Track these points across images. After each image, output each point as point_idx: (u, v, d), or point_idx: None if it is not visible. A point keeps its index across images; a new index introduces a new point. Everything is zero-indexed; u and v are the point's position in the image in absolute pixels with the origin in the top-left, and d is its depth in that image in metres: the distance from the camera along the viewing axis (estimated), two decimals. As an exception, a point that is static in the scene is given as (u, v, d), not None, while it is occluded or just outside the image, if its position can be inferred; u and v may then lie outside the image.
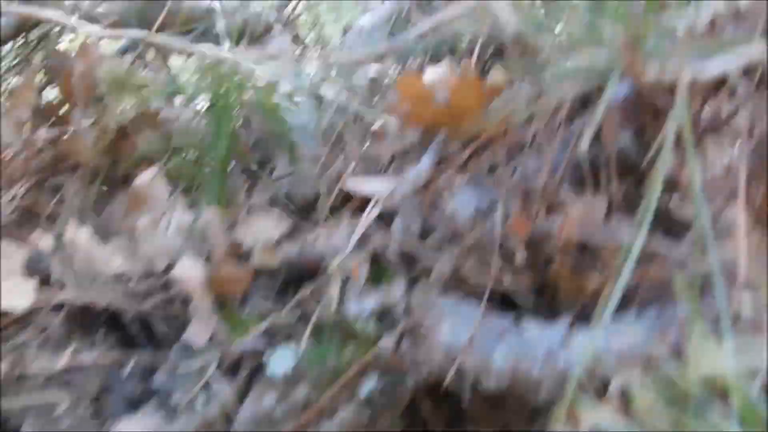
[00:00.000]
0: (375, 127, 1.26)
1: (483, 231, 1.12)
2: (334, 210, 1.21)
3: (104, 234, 1.18)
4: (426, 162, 1.16)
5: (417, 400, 1.06)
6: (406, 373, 1.04)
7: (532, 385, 0.98)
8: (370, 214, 1.11)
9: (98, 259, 1.14)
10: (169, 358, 1.04)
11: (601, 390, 0.97)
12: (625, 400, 0.99)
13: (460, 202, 1.15)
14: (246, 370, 1.01)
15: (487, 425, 1.11)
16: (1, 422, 1.01)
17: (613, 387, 0.94)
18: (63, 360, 1.05)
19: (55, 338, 1.06)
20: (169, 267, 1.12)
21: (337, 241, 1.12)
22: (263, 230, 1.16)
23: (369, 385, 1.02)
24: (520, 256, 1.07)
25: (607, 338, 0.98)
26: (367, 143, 1.31)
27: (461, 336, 1.02)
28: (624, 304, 1.06)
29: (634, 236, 1.05)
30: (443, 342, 1.03)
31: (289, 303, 1.07)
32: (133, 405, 1.00)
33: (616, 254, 1.08)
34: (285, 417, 0.99)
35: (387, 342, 1.02)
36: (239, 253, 1.13)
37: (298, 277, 1.11)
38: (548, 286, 1.11)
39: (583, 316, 1.07)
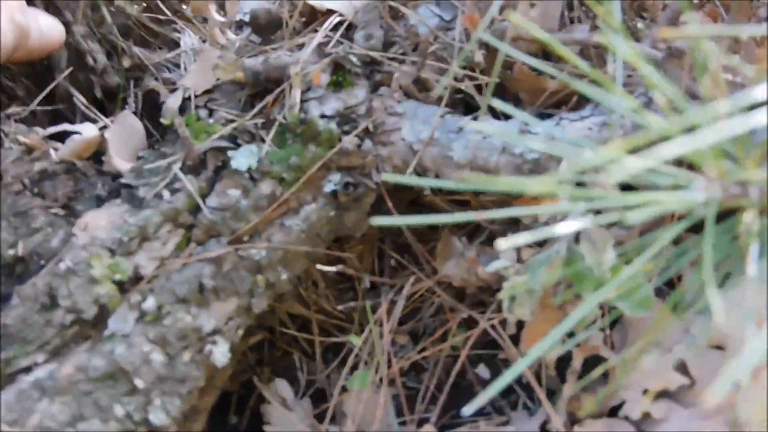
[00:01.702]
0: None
1: (444, 42, 1.14)
2: (299, 31, 1.22)
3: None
4: (387, -25, 1.17)
5: (382, 198, 1.08)
6: (369, 172, 1.07)
7: (491, 173, 1.01)
8: (329, 21, 1.12)
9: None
10: (139, 158, 1.06)
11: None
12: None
13: (424, 14, 1.17)
14: (211, 168, 1.02)
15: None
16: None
17: (563, 168, 0.97)
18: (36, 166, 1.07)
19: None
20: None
21: (301, 54, 1.13)
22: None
23: (333, 181, 1.05)
24: (479, 57, 1.09)
25: (564, 128, 1.01)
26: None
27: (422, 134, 1.05)
28: (582, 103, 1.09)
29: (590, 35, 1.07)
30: (405, 140, 1.05)
31: (253, 110, 1.08)
32: (101, 202, 1.02)
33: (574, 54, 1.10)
34: (250, 210, 1.01)
35: (349, 141, 1.05)
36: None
37: (263, 89, 1.12)
38: (508, 91, 1.14)
39: (541, 116, 1.09)
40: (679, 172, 0.56)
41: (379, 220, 0.52)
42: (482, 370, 1.16)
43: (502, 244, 0.51)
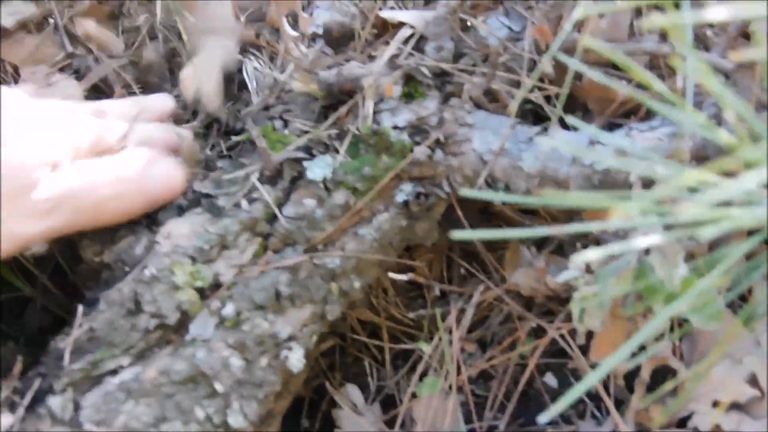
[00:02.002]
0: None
1: (514, 52, 1.15)
2: (371, 43, 1.25)
3: None
4: (458, -12, 1.19)
5: (452, 208, 1.10)
6: (440, 182, 1.09)
7: (560, 185, 1.02)
8: (403, 34, 1.14)
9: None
10: (217, 168, 1.10)
11: (627, 185, 1.01)
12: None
13: (493, 26, 1.18)
14: (287, 178, 1.05)
15: (518, 225, 1.16)
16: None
17: (635, 179, 0.98)
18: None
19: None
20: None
21: (373, 66, 1.16)
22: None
23: (405, 191, 1.07)
24: (548, 68, 1.10)
25: (633, 139, 1.02)
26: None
27: (492, 144, 1.07)
28: (651, 113, 1.09)
29: (659, 46, 1.08)
30: (475, 150, 1.07)
31: (327, 121, 1.11)
32: (183, 211, 1.06)
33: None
34: (325, 219, 1.04)
35: (420, 152, 1.07)
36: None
37: (337, 101, 1.15)
38: (577, 100, 1.15)
39: (611, 126, 1.10)
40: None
41: (455, 234, 0.55)
42: (550, 379, 1.17)
43: (576, 259, 0.53)
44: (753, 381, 1.00)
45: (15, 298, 1.22)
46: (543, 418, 0.52)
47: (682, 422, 1.03)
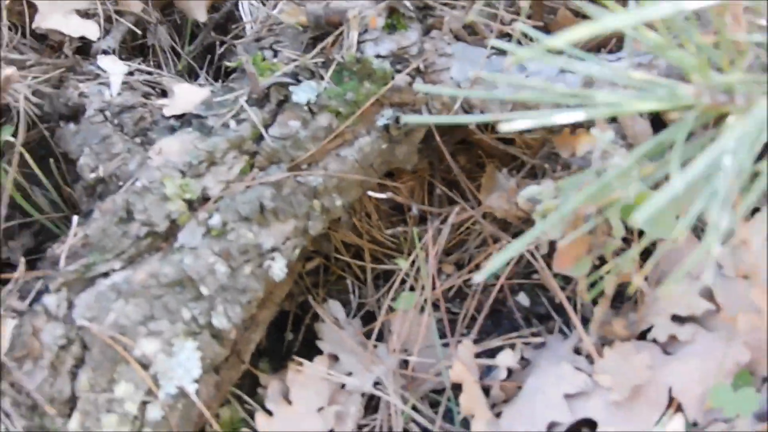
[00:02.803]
0: None
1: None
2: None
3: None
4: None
5: (430, 133, 1.16)
6: (419, 108, 1.15)
7: (533, 109, 1.08)
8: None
9: None
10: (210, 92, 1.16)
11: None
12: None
13: (474, -38, 1.23)
14: (274, 101, 1.11)
15: (496, 154, 1.22)
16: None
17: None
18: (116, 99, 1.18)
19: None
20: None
21: None
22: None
23: (385, 116, 1.13)
24: (526, 4, 1.15)
25: (601, 66, 1.07)
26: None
27: (469, 73, 1.12)
28: (620, 46, 1.15)
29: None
30: (453, 78, 1.13)
31: (314, 51, 1.17)
32: (174, 131, 1.12)
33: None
34: (309, 140, 1.10)
35: (401, 79, 1.13)
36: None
37: (324, 32, 1.21)
38: (553, 33, 1.20)
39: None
40: (677, 84, 0.63)
41: (407, 118, 0.61)
42: (522, 298, 1.23)
43: (511, 126, 0.58)
44: (708, 295, 1.06)
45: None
46: (477, 278, 0.58)
47: (643, 335, 1.09)
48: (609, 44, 1.17)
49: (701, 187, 0.64)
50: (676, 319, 1.09)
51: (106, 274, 1.00)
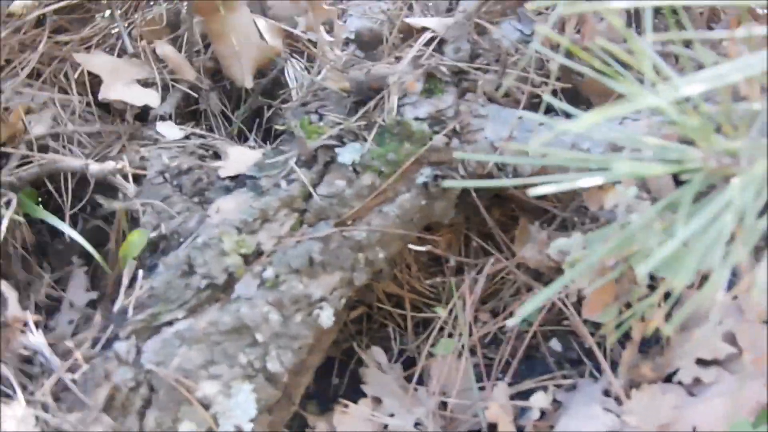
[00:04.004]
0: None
1: (524, 53, 1.30)
2: (397, 46, 1.41)
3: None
4: (475, -3, 1.35)
5: (467, 189, 1.25)
6: (456, 167, 1.23)
7: (561, 169, 1.16)
8: (424, 37, 1.29)
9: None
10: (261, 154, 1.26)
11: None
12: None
13: (506, 30, 1.33)
14: (321, 162, 1.21)
15: (529, 208, 1.31)
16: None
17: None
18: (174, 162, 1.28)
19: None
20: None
21: (398, 66, 1.31)
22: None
23: (424, 174, 1.22)
24: (555, 66, 1.24)
25: (625, 127, 1.16)
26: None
27: (502, 133, 1.21)
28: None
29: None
30: (487, 138, 1.22)
31: (357, 114, 1.27)
32: (230, 191, 1.22)
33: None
34: (354, 198, 1.19)
35: (439, 139, 1.22)
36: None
37: (366, 97, 1.30)
38: (581, 94, 1.29)
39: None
40: (686, 148, 0.71)
41: (446, 183, 0.69)
42: (555, 344, 1.31)
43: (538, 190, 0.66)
44: (731, 339, 1.13)
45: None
46: (511, 323, 0.66)
47: (669, 377, 1.16)
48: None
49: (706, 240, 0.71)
50: (701, 362, 1.15)
51: (170, 323, 1.09)
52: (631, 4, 0.64)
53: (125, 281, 1.16)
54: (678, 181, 1.20)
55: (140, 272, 1.15)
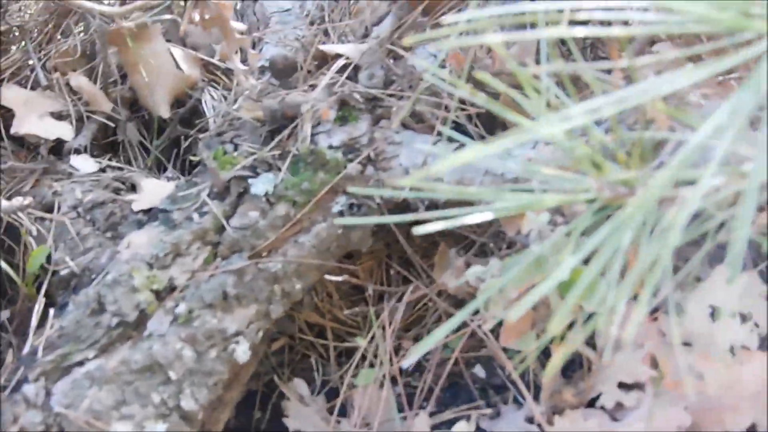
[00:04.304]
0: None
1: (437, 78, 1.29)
2: (312, 73, 1.40)
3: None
4: (388, 22, 1.34)
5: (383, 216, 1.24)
6: (372, 195, 1.22)
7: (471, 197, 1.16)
8: (337, 64, 1.29)
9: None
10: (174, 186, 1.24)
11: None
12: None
13: (420, 54, 1.33)
14: (234, 194, 1.19)
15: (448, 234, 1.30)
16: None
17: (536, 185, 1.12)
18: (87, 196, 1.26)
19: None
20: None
21: (312, 94, 1.30)
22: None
23: (340, 203, 1.21)
24: (455, 97, 1.24)
25: (538, 151, 1.16)
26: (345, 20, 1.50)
27: (417, 159, 1.20)
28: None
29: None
30: (402, 165, 1.21)
31: (271, 144, 1.25)
32: (142, 225, 1.19)
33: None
34: (268, 229, 1.17)
35: (353, 168, 1.21)
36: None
37: (281, 126, 1.29)
38: (497, 117, 1.29)
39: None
40: (582, 178, 0.71)
41: (341, 220, 0.68)
42: (478, 370, 1.30)
43: (421, 229, 0.65)
44: (653, 362, 1.13)
45: None
46: (405, 364, 0.65)
47: (592, 402, 1.16)
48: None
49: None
50: (623, 386, 1.15)
51: (81, 363, 1.06)
52: (513, 38, 0.63)
53: (34, 321, 1.13)
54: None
55: (51, 310, 1.12)
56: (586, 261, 0.98)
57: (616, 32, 0.55)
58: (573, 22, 0.56)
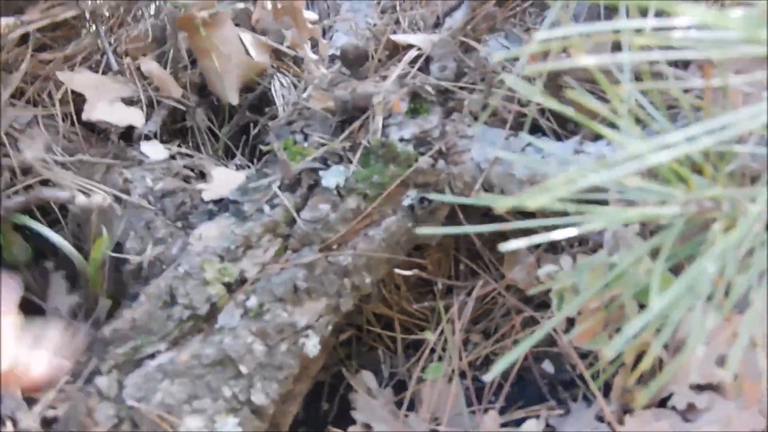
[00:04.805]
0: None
1: (510, 71, 1.27)
2: (383, 63, 1.38)
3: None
4: (461, 13, 1.32)
5: (455, 211, 1.23)
6: (442, 188, 1.21)
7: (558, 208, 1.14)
8: (409, 54, 1.27)
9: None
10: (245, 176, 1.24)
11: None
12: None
13: (493, 46, 1.31)
14: (305, 186, 1.19)
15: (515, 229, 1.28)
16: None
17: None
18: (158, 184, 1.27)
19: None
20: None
21: (383, 85, 1.29)
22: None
23: (410, 197, 1.20)
24: (540, 86, 1.22)
25: (613, 148, 1.13)
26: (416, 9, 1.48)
27: (488, 154, 1.19)
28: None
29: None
30: (473, 159, 1.20)
31: (342, 135, 1.25)
32: (213, 215, 1.20)
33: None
34: (338, 222, 1.17)
35: (424, 161, 1.20)
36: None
37: (351, 117, 1.28)
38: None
39: (595, 137, 1.22)
40: (668, 191, 0.69)
41: (423, 230, 0.67)
42: (547, 366, 1.29)
43: (508, 246, 0.65)
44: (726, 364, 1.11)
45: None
46: (487, 378, 0.64)
47: (662, 402, 1.14)
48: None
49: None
50: (695, 387, 1.13)
51: (152, 356, 1.07)
52: (605, 61, 0.62)
53: (102, 310, 1.15)
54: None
55: (124, 302, 1.13)
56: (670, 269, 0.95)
57: (713, 55, 0.53)
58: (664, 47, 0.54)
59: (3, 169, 1.30)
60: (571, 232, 0.67)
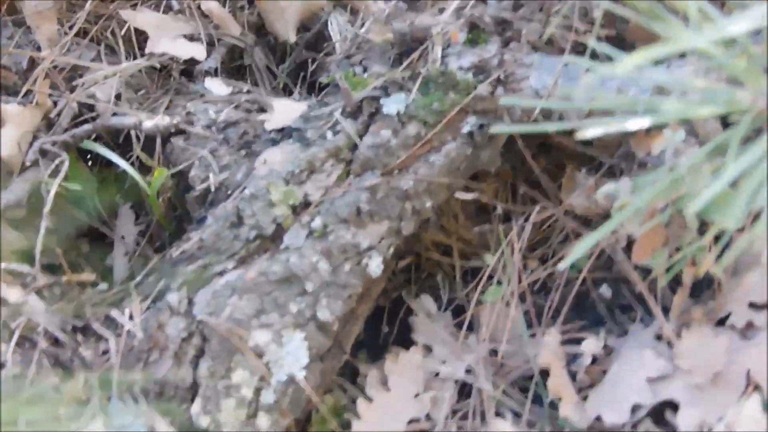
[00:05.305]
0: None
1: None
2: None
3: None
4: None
5: (512, 138, 1.25)
6: (501, 115, 1.23)
7: (608, 113, 1.16)
8: (468, -15, 1.29)
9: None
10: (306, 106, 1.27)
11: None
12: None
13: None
14: (366, 114, 1.21)
15: (575, 155, 1.30)
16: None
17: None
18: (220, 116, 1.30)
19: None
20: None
21: (441, 17, 1.31)
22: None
23: (470, 123, 1.22)
24: (597, 13, 1.23)
25: (671, 72, 1.14)
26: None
27: (547, 81, 1.20)
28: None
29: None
30: (532, 87, 1.21)
31: (401, 65, 1.27)
32: (276, 143, 1.23)
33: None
34: (399, 148, 1.19)
35: (483, 89, 1.21)
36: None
37: (410, 48, 1.30)
38: (626, 40, 1.27)
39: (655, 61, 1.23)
40: (735, 90, 0.71)
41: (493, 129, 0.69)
42: (605, 290, 1.30)
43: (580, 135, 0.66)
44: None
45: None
46: (561, 267, 0.66)
47: (721, 322, 1.15)
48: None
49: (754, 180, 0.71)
50: (753, 306, 1.15)
51: (221, 273, 1.11)
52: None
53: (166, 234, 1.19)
54: (726, 124, 1.19)
55: (190, 226, 1.17)
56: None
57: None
58: None
59: (70, 100, 1.34)
60: (643, 122, 0.69)
